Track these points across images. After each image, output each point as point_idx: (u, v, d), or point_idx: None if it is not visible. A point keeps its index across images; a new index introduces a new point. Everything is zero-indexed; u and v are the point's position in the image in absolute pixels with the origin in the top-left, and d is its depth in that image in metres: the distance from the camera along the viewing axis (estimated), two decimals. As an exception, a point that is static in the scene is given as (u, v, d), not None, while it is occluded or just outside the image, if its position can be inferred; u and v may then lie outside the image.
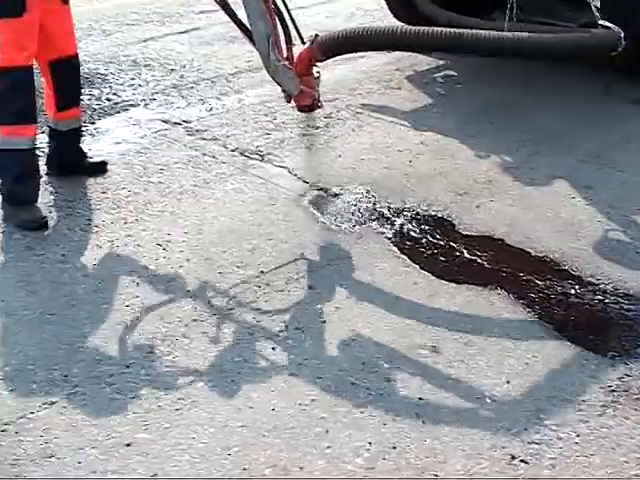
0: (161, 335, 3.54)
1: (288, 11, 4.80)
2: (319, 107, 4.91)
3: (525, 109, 5.97)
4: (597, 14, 5.05)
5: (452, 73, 6.71)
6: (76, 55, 4.82)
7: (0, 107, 4.38)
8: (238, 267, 4.03)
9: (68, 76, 4.76)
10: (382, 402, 3.21)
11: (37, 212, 4.46)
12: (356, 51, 5.39)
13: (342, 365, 3.39)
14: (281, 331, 3.57)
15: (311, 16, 8.22)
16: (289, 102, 4.92)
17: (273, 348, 3.47)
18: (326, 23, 7.81)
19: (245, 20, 4.63)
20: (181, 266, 4.04)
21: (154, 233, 4.33)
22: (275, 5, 4.65)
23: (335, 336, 3.55)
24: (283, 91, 4.78)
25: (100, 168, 4.97)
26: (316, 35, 4.81)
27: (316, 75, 4.80)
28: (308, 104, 4.83)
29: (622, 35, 4.90)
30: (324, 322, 3.64)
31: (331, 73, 6.59)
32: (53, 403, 3.19)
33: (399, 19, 7.79)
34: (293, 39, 4.81)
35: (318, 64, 4.85)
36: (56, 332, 3.57)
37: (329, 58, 4.88)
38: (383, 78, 6.56)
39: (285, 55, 4.68)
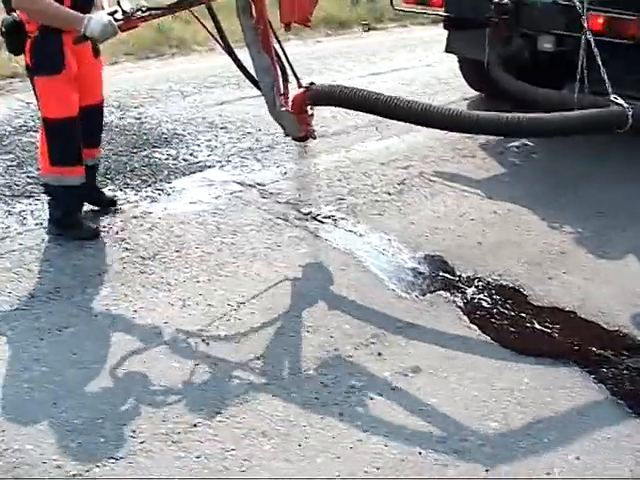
0: (229, 395, 3.56)
1: (285, 55, 5.08)
2: (313, 138, 5.37)
3: (600, 181, 5.94)
4: (609, 89, 5.01)
5: (527, 142, 6.71)
6: (102, 101, 5.21)
7: (58, 150, 4.89)
8: (308, 331, 4.04)
9: (95, 120, 5.17)
10: (448, 474, 3.17)
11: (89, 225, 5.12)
12: (341, 107, 5.49)
13: (409, 434, 3.36)
14: (348, 397, 3.56)
15: (386, 82, 8.32)
16: (287, 136, 5.42)
17: (340, 414, 3.45)
18: (400, 89, 7.89)
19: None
20: (252, 327, 4.06)
21: (226, 293, 4.36)
22: (277, 54, 5.03)
23: (403, 404, 3.53)
24: (282, 127, 5.24)
25: (112, 204, 5.38)
26: (312, 83, 5.05)
27: (310, 113, 5.15)
28: (302, 136, 5.32)
29: (630, 113, 4.86)
30: (392, 390, 3.61)
31: (404, 140, 6.66)
32: (120, 458, 3.21)
33: (473, 88, 7.87)
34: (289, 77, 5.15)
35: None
36: (126, 387, 3.61)
37: (317, 105, 5.16)
38: (457, 146, 6.58)
39: (283, 93, 5.07)
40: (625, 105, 4.88)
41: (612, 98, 4.94)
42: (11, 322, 4.10)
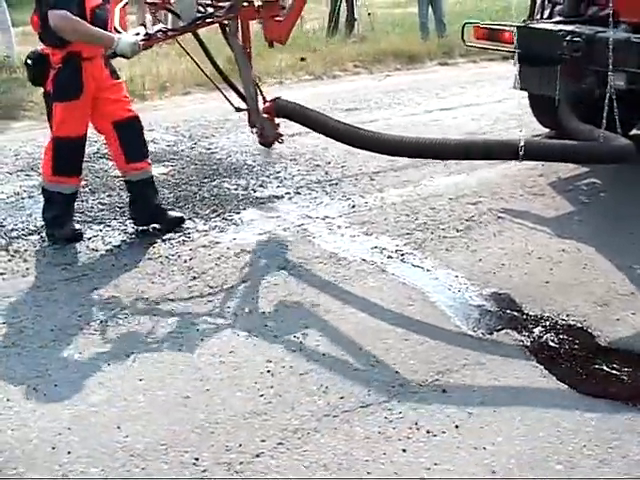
0: (292, 427, 3.56)
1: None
2: (280, 142, 6.19)
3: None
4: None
5: (596, 181, 6.65)
6: (136, 117, 5.57)
7: (61, 161, 5.37)
8: (372, 365, 4.04)
9: (131, 134, 5.51)
10: (512, 515, 3.14)
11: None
12: (302, 124, 6.13)
13: (472, 472, 3.32)
14: (412, 433, 3.54)
15: (455, 118, 8.33)
16: (261, 143, 6.22)
17: (404, 450, 3.43)
18: (469, 125, 7.89)
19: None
20: (316, 360, 4.07)
21: (292, 325, 4.38)
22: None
23: (466, 442, 3.49)
24: (257, 133, 6.12)
25: (178, 222, 5.62)
26: (277, 97, 5.96)
27: (277, 122, 6.04)
28: (271, 141, 6.17)
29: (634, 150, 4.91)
30: (456, 427, 3.58)
31: (474, 175, 6.64)
32: (183, 486, 3.24)
33: (543, 125, 7.83)
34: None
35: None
36: (189, 415, 3.64)
37: (279, 117, 6.02)
38: (526, 183, 6.55)
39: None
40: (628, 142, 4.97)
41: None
42: (80, 346, 4.17)
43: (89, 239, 5.42)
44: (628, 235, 5.59)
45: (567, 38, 6.18)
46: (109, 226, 5.61)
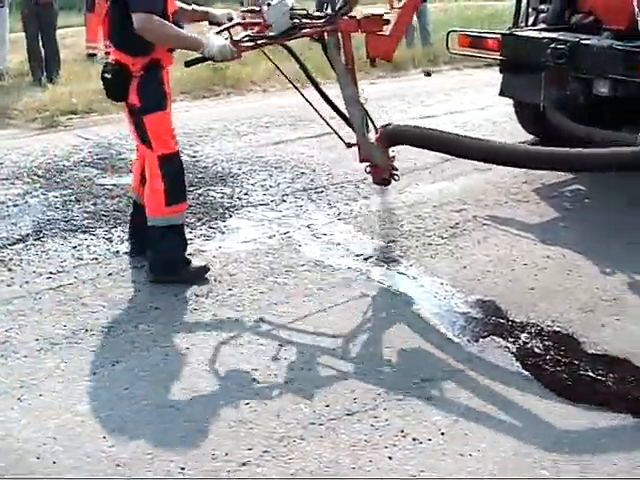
0: (278, 435, 3.56)
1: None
2: (395, 180, 5.62)
3: (653, 226, 5.88)
4: None
5: (580, 187, 6.68)
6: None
7: (174, 188, 4.90)
8: (357, 373, 4.04)
9: None
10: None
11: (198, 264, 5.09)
12: (414, 146, 5.73)
13: (458, 478, 3.33)
14: (398, 440, 3.54)
15: (440, 125, 8.31)
16: (370, 174, 5.67)
17: (389, 457, 3.43)
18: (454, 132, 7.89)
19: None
20: (302, 368, 4.07)
21: (277, 333, 4.38)
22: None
23: (452, 448, 3.50)
24: (366, 167, 5.61)
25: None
26: (388, 124, 5.49)
27: (392, 154, 5.52)
28: (386, 177, 5.60)
29: None
30: (442, 434, 3.59)
31: (459, 182, 6.67)
32: (169, 496, 3.23)
33: (528, 131, 7.86)
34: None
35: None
36: (174, 424, 3.63)
37: (392, 146, 5.51)
38: (511, 190, 6.57)
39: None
40: None
41: None
42: (65, 356, 4.15)
43: (74, 247, 5.40)
44: (613, 241, 5.62)
45: (551, 45, 6.22)
46: (94, 234, 5.60)
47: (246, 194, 6.43)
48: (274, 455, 3.44)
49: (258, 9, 5.13)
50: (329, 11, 5.46)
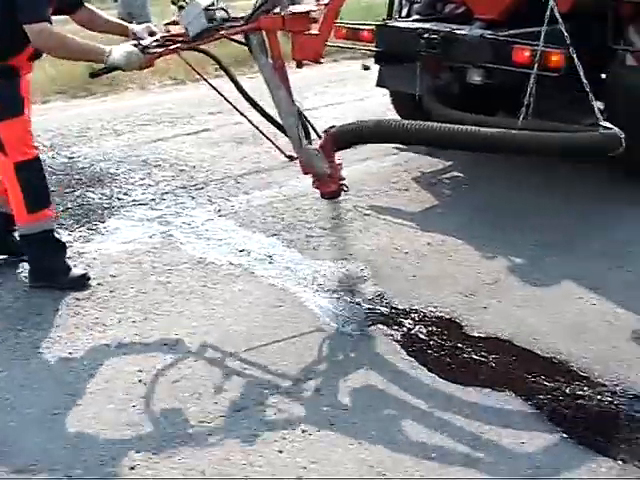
0: (166, 436, 3.51)
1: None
2: (345, 191, 5.22)
3: (530, 209, 6.02)
4: (599, 116, 5.13)
5: (458, 174, 6.80)
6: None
7: (34, 195, 4.72)
8: (244, 369, 4.02)
9: None
10: (389, 507, 3.17)
11: (77, 272, 4.90)
12: (367, 143, 5.55)
13: (348, 469, 3.34)
14: (287, 434, 3.54)
15: (318, 117, 8.34)
16: (317, 188, 5.22)
17: (280, 451, 3.43)
18: (333, 124, 7.92)
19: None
20: (188, 367, 4.02)
21: (161, 333, 4.33)
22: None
23: (342, 439, 3.51)
24: (313, 178, 5.15)
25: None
26: (331, 127, 5.12)
27: (338, 162, 5.10)
28: (334, 190, 5.17)
29: (623, 137, 4.96)
30: (331, 424, 3.60)
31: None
32: (56, 505, 3.16)
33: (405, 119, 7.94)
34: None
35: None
36: (60, 432, 3.55)
37: (340, 150, 5.14)
38: (390, 179, 6.63)
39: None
40: (617, 129, 4.98)
41: (602, 123, 5.05)
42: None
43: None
44: (491, 225, 5.73)
45: (424, 36, 6.28)
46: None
47: (125, 194, 6.33)
48: (164, 457, 3.40)
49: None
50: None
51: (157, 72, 10.46)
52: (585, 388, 3.89)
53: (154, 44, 4.59)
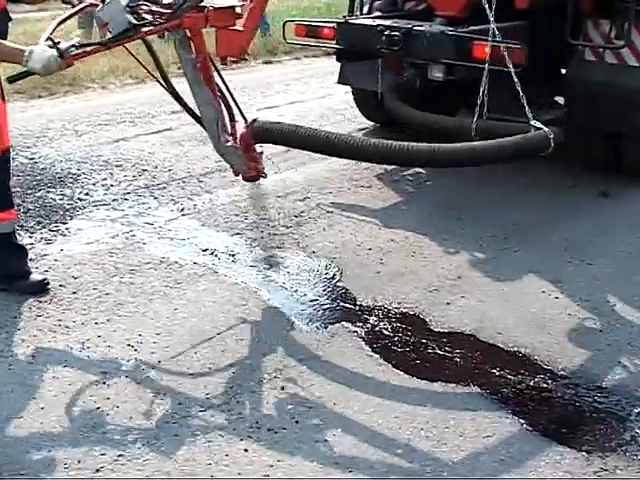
0: (132, 438, 3.50)
1: (230, 92, 5.14)
2: (263, 177, 5.25)
3: (493, 205, 6.07)
4: (530, 115, 5.15)
5: (420, 171, 6.81)
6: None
7: None
8: (209, 368, 4.01)
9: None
10: (356, 504, 3.18)
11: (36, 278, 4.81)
12: (284, 145, 5.57)
13: (316, 466, 3.35)
14: (253, 432, 3.54)
15: (282, 115, 8.36)
16: (237, 175, 5.27)
17: (245, 450, 3.43)
18: (294, 122, 7.91)
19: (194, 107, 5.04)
20: (153, 367, 4.01)
21: (125, 334, 4.30)
22: (220, 89, 5.04)
23: (307, 436, 3.52)
24: (231, 166, 5.15)
25: None
26: (254, 120, 5.06)
27: (259, 150, 5.11)
28: (253, 175, 5.20)
29: (552, 137, 5.02)
30: (296, 422, 3.60)
31: (302, 172, 6.70)
32: (20, 510, 3.13)
33: (368, 118, 7.99)
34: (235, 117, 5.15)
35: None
36: (24, 436, 3.51)
37: (257, 143, 5.12)
38: (353, 177, 6.65)
39: (230, 132, 5.03)
40: (546, 129, 5.02)
41: (532, 123, 5.09)
42: None
43: None
44: (454, 221, 5.77)
45: (385, 33, 6.30)
46: None
47: (87, 194, 6.28)
48: (129, 458, 3.38)
49: None
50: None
51: (118, 71, 10.42)
52: (549, 381, 3.94)
53: (72, 49, 4.37)
